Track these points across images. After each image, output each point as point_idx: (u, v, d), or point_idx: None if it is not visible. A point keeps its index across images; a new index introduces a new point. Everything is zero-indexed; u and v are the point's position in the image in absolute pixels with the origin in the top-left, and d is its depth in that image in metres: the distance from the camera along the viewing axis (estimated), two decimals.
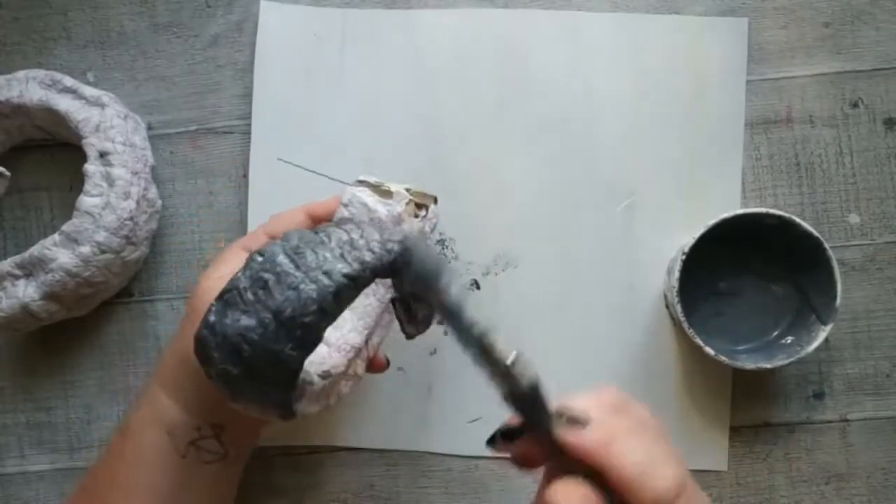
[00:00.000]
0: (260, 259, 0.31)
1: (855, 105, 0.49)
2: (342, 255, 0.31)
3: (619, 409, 0.30)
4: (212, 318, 0.31)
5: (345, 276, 0.30)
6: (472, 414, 0.48)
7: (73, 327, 0.50)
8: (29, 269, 0.46)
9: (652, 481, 0.28)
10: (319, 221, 0.41)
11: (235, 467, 0.41)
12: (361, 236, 0.32)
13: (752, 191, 0.49)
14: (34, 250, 0.45)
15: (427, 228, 0.40)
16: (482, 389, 0.47)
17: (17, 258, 0.45)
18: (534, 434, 0.31)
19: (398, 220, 0.39)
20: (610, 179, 0.49)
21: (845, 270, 0.48)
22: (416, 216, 0.40)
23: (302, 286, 0.30)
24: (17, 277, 0.46)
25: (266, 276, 0.30)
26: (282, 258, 0.31)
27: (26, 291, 0.45)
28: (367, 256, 0.31)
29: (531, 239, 0.49)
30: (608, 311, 0.48)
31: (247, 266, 0.31)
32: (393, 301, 0.36)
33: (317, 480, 0.49)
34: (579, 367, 0.48)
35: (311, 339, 0.31)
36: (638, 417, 0.30)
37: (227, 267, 0.38)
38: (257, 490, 0.49)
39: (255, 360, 0.30)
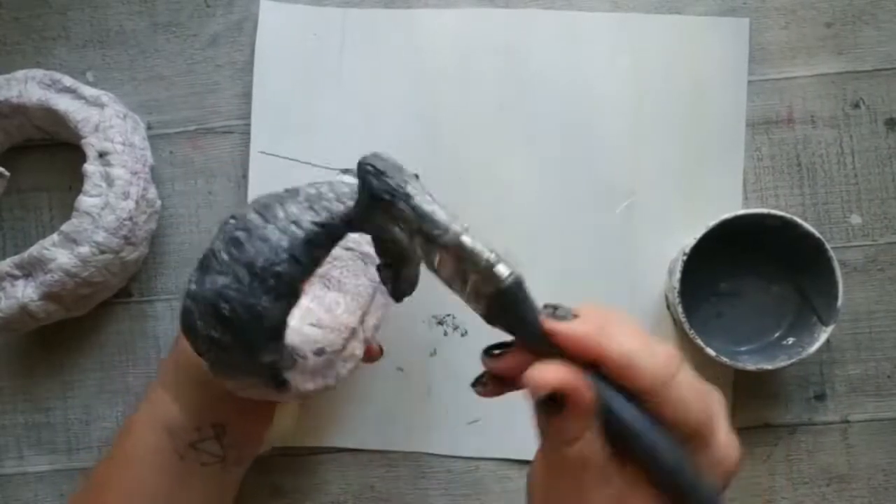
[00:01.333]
0: (233, 221, 0.32)
1: (856, 105, 0.49)
2: (311, 207, 0.32)
3: (601, 308, 0.29)
4: (192, 286, 0.31)
5: (314, 223, 0.31)
6: (472, 415, 0.48)
7: (71, 327, 0.50)
8: (28, 270, 0.45)
9: (649, 359, 0.27)
10: None
11: (234, 472, 0.41)
12: (331, 190, 0.33)
13: (753, 191, 0.49)
14: (33, 250, 0.45)
15: None
16: None
17: (16, 258, 0.45)
18: (522, 336, 0.29)
19: None
20: (610, 180, 0.49)
21: (847, 271, 0.48)
22: None
23: (272, 237, 0.30)
24: (15, 278, 0.46)
25: (238, 234, 0.31)
26: (252, 215, 0.31)
27: (25, 292, 0.45)
28: (336, 206, 0.32)
29: (531, 240, 0.49)
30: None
31: (220, 230, 0.32)
32: (378, 268, 0.36)
33: (317, 481, 0.49)
34: None
35: (287, 289, 0.31)
36: (620, 315, 0.29)
37: None
38: (257, 491, 0.49)
39: (236, 318, 0.30)
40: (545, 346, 0.28)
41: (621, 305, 0.48)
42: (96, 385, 0.50)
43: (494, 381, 0.31)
